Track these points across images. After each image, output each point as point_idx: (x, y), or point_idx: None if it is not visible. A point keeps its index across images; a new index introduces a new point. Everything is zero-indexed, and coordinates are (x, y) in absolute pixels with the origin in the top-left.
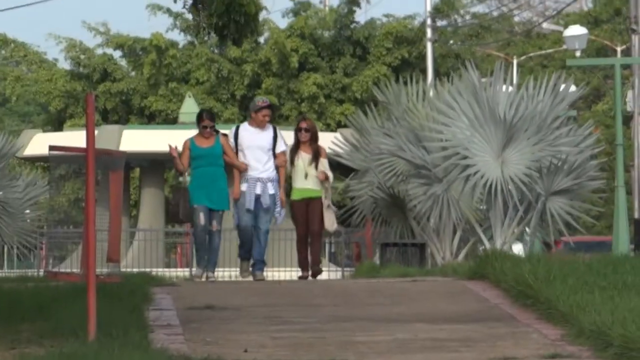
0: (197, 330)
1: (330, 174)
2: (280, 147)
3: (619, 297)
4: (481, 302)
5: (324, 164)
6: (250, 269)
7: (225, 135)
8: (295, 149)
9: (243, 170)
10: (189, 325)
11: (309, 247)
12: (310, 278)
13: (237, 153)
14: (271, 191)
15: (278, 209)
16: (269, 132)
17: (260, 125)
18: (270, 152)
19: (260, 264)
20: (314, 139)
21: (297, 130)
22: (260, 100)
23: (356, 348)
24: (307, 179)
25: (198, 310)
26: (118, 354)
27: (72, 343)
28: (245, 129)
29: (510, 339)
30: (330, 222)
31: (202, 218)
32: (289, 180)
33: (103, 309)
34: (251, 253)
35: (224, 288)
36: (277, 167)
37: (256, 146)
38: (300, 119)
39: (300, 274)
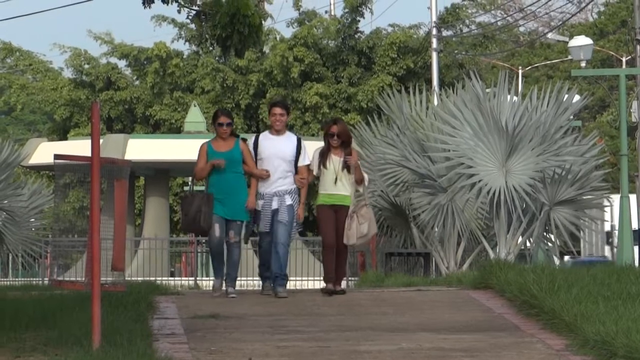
0: (201, 339)
1: (366, 175)
2: (304, 160)
3: (623, 307)
4: (485, 311)
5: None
6: (272, 285)
7: (245, 140)
8: (326, 151)
9: (265, 177)
10: (193, 334)
11: (335, 261)
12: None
13: (256, 163)
14: (288, 202)
15: (295, 223)
16: (291, 142)
17: (274, 127)
18: (292, 164)
19: (281, 280)
20: (347, 143)
21: (327, 136)
22: (276, 98)
23: (360, 357)
24: (337, 185)
25: (202, 319)
26: None
27: (77, 351)
28: (266, 137)
29: (514, 349)
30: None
31: (217, 230)
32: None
33: (107, 317)
34: (270, 271)
35: (228, 297)
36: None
37: (277, 156)
38: (331, 123)
39: (324, 286)
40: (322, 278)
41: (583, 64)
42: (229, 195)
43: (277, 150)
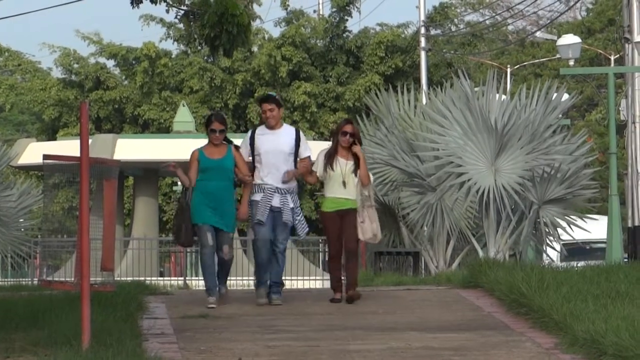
0: (191, 339)
1: (370, 175)
2: (305, 152)
3: (612, 305)
4: (475, 310)
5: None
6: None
7: (237, 147)
8: (333, 153)
9: (248, 182)
10: (182, 333)
11: (345, 266)
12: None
13: (253, 160)
14: (291, 204)
15: (303, 224)
16: (289, 135)
17: (267, 123)
18: (292, 158)
19: (277, 287)
20: (357, 144)
21: (339, 134)
22: (263, 94)
23: (350, 357)
24: (346, 188)
25: (192, 319)
26: None
27: (66, 352)
28: (263, 132)
29: (503, 347)
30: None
31: (209, 238)
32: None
33: (97, 317)
34: (268, 276)
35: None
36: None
37: (275, 150)
38: (344, 122)
39: (333, 296)
40: (311, 278)
41: (571, 63)
42: (218, 203)
43: (275, 144)
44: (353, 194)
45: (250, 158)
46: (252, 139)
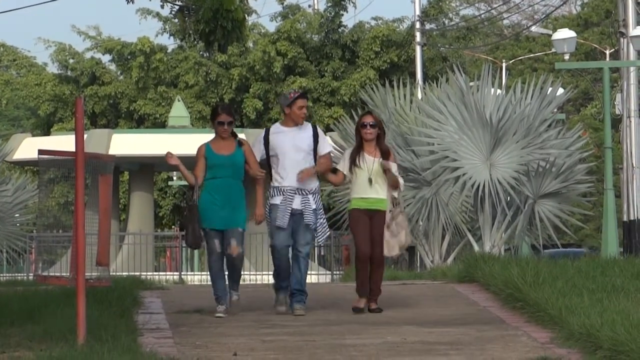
0: (186, 333)
1: (401, 180)
2: (325, 148)
3: (608, 299)
4: (470, 305)
5: (394, 168)
6: (287, 301)
7: (243, 141)
8: (358, 150)
9: (259, 177)
10: (178, 328)
11: (369, 275)
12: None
13: (268, 161)
14: (312, 206)
15: (324, 227)
16: (307, 131)
17: (298, 121)
18: (311, 156)
19: (300, 295)
20: (382, 137)
21: (360, 127)
22: (291, 91)
23: (345, 351)
24: (373, 187)
25: (187, 314)
26: (107, 357)
27: (62, 347)
28: (278, 130)
29: (499, 342)
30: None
31: (217, 244)
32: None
33: (92, 312)
34: (288, 282)
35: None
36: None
37: (294, 148)
38: (364, 113)
39: (356, 303)
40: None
41: (567, 57)
42: (228, 202)
43: (293, 142)
44: (382, 193)
45: (265, 158)
46: (266, 138)
